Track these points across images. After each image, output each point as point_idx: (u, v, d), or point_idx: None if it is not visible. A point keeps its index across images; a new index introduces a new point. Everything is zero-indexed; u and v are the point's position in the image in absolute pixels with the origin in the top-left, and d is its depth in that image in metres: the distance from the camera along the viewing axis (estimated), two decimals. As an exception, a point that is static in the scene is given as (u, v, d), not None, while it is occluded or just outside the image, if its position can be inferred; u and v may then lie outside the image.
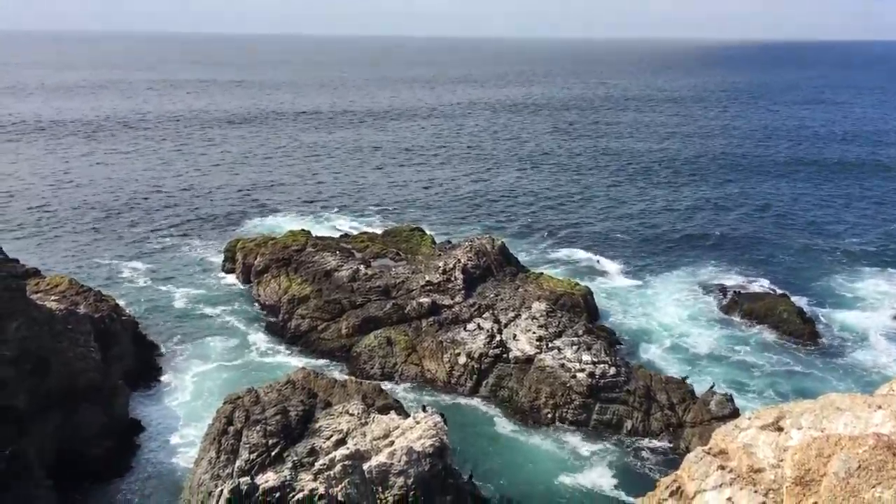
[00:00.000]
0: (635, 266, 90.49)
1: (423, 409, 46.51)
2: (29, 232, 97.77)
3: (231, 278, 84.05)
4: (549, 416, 56.72)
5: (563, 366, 58.86)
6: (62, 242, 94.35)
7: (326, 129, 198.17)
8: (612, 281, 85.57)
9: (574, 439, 54.66)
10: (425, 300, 69.58)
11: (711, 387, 58.07)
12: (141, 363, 62.76)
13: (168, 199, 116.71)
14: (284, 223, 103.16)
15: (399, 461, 41.11)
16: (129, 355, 61.84)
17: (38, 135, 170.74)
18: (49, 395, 47.92)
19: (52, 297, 61.83)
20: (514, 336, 63.13)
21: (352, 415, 44.83)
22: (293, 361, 64.95)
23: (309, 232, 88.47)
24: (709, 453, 14.66)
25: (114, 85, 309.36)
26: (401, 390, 60.51)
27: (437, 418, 44.89)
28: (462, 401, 59.86)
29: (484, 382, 60.54)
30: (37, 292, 62.24)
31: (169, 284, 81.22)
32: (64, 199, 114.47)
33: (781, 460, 13.32)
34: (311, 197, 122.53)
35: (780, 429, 13.86)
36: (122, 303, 70.04)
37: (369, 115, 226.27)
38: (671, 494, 14.78)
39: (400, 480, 40.54)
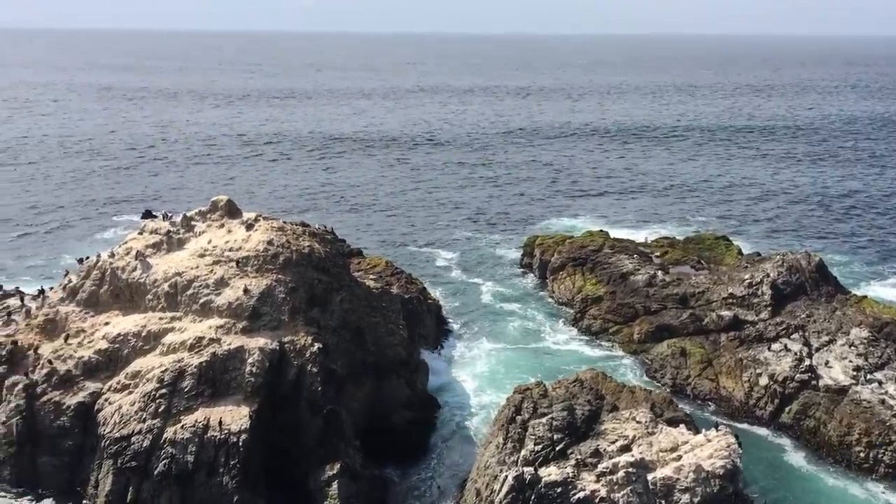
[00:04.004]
0: None
1: (716, 428, 43.97)
2: (355, 218, 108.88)
3: (527, 273, 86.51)
4: (862, 455, 50.57)
5: (883, 402, 52.20)
6: (381, 228, 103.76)
7: (631, 140, 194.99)
8: (953, 313, 73.86)
9: (890, 487, 48.25)
10: (726, 313, 65.72)
11: None
12: (441, 344, 67.03)
13: (472, 197, 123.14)
14: (581, 224, 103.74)
15: (686, 477, 39.36)
16: (431, 336, 66.36)
17: (380, 144, 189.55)
18: (363, 364, 52.92)
19: (371, 276, 68.25)
20: (827, 362, 57.23)
21: (639, 422, 43.75)
22: (584, 354, 65.73)
23: (607, 233, 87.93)
24: None
25: (430, 91, 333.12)
26: (692, 404, 57.86)
27: (731, 439, 42.21)
28: (759, 425, 55.74)
29: (786, 409, 55.65)
30: (358, 270, 69.11)
31: (470, 274, 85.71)
32: (384, 191, 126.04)
33: None
34: (609, 202, 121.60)
35: None
36: (428, 286, 75.29)
37: (683, 128, 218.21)
38: None
39: (685, 497, 38.80)
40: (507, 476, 40.55)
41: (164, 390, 45.24)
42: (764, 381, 57.13)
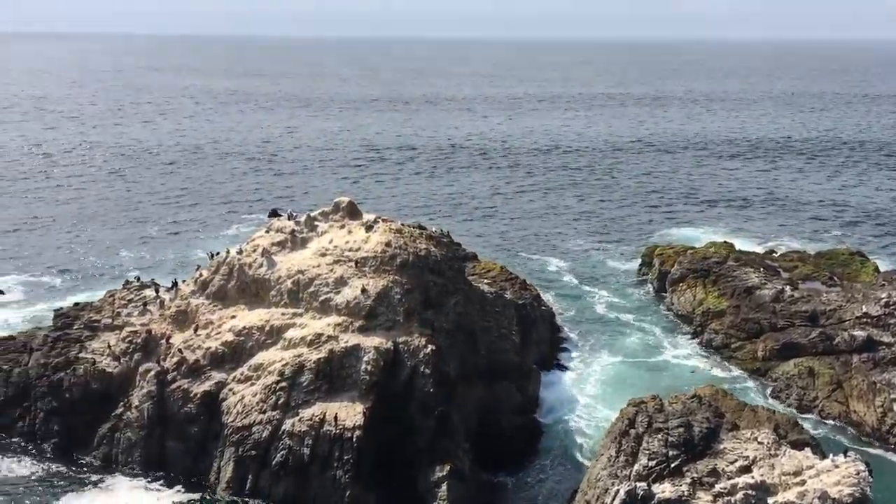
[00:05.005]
0: None
1: (845, 454, 41.45)
2: (472, 222, 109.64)
3: (644, 283, 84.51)
4: None
5: None
6: (497, 233, 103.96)
7: (762, 151, 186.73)
8: None
9: None
10: (860, 333, 61.90)
11: None
12: (554, 351, 66.38)
13: (590, 205, 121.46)
14: (703, 235, 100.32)
15: (810, 504, 37.30)
16: (544, 342, 65.82)
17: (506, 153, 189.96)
18: (474, 367, 53.09)
19: (485, 281, 68.40)
20: (973, 391, 52.93)
21: (760, 443, 41.77)
22: (704, 369, 63.80)
23: (732, 245, 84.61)
24: None
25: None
26: (818, 427, 54.85)
27: (861, 466, 39.71)
28: (892, 452, 52.40)
29: (925, 438, 51.93)
30: (473, 274, 69.41)
31: (585, 283, 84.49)
32: (501, 197, 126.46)
33: None
34: (734, 213, 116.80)
35: None
36: (542, 293, 74.74)
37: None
38: None
39: (809, 525, 36.76)
40: (618, 490, 39.67)
41: (283, 383, 46.96)
42: (900, 407, 53.50)
